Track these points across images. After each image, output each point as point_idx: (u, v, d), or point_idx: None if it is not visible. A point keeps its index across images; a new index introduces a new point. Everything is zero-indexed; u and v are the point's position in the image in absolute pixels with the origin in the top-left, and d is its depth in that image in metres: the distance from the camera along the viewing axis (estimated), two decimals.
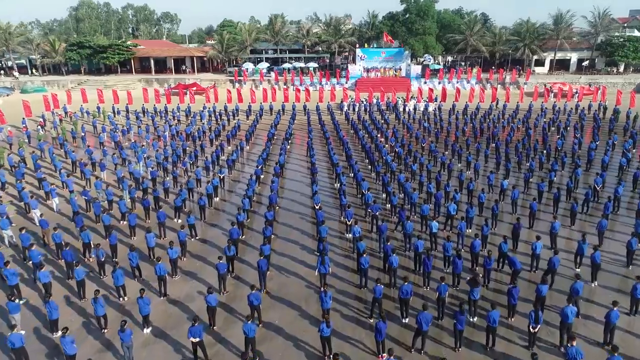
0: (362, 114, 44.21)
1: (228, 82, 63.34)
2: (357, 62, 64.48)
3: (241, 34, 67.32)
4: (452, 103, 46.92)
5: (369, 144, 32.73)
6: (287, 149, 31.62)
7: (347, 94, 48.57)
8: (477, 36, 63.62)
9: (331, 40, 66.03)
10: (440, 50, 63.51)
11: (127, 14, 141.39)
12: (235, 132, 37.75)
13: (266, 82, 63.03)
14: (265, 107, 47.87)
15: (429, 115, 43.07)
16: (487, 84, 60.00)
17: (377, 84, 60.69)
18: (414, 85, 60.75)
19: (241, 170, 29.97)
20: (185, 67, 69.87)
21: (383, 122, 41.88)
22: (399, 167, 28.67)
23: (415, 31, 63.77)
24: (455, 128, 38.48)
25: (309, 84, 61.23)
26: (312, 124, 40.14)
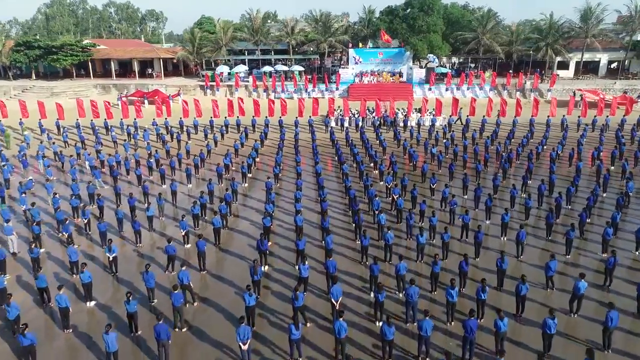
0: (351, 134, 34.56)
1: (198, 88, 53.90)
2: (350, 64, 54.96)
3: (216, 32, 57.79)
4: (465, 117, 37.47)
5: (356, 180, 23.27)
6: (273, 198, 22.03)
7: (332, 107, 38.66)
8: (490, 34, 54.11)
9: (320, 39, 56.52)
10: (447, 51, 54.07)
11: (108, 12, 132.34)
12: (179, 159, 28.49)
13: (243, 88, 53.59)
14: (232, 121, 38.42)
15: (437, 134, 33.44)
16: (504, 91, 50.43)
17: (373, 91, 51.15)
18: (417, 93, 51.22)
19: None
20: (151, 71, 60.34)
21: (378, 145, 32.43)
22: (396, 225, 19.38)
23: (418, 28, 54.23)
24: (474, 157, 28.98)
25: (292, 90, 51.75)
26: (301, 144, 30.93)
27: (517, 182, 24.61)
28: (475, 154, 28.75)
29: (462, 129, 35.16)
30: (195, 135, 36.44)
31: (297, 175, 25.76)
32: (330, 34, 57.14)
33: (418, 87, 51.34)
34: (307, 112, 39.68)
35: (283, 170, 28.20)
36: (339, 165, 27.77)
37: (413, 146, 31.43)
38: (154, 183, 26.61)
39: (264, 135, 34.91)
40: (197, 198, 21.33)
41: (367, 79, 53.21)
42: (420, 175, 26.15)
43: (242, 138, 34.17)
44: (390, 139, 35.23)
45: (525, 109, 40.16)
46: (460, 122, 38.76)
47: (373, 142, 33.55)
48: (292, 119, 37.86)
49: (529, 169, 25.46)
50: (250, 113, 39.46)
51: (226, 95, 53.38)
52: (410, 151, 29.10)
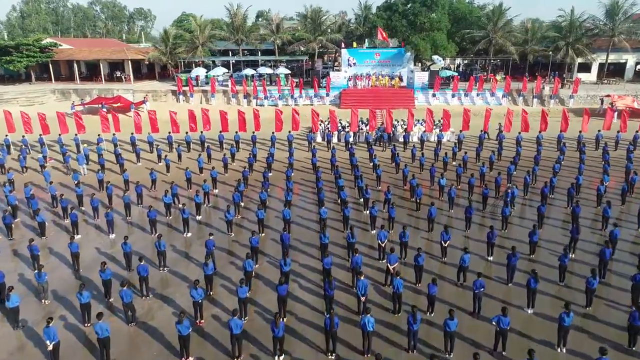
0: (338, 156, 27.91)
1: (170, 93, 47.32)
2: (343, 66, 48.29)
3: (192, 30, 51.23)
4: (481, 132, 30.87)
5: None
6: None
7: (316, 120, 31.84)
8: (502, 32, 47.41)
9: (309, 37, 49.86)
10: (453, 51, 47.39)
11: (93, 10, 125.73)
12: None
13: (221, 93, 46.99)
14: (194, 136, 31.84)
15: (445, 157, 26.66)
16: (519, 98, 43.74)
17: (368, 97, 44.56)
18: (419, 100, 44.58)
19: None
20: (120, 74, 53.66)
21: (373, 171, 25.84)
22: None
23: (420, 26, 47.68)
24: (496, 189, 22.42)
25: (277, 95, 45.15)
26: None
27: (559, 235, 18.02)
28: (496, 187, 22.22)
29: (476, 148, 28.43)
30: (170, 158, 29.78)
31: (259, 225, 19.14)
32: (320, 32, 50.46)
33: (420, 92, 44.72)
34: (287, 126, 32.93)
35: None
36: (317, 203, 21.16)
37: (415, 174, 24.76)
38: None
39: (252, 158, 27.83)
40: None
41: (362, 84, 46.53)
42: (426, 220, 19.46)
43: (224, 159, 27.39)
44: (386, 161, 28.62)
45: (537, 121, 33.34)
46: (488, 137, 32.04)
47: (365, 168, 26.98)
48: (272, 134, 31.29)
49: (575, 216, 18.78)
50: (217, 125, 32.63)
51: (201, 102, 46.94)
52: (412, 183, 22.36)
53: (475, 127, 32.60)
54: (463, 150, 29.04)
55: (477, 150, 27.81)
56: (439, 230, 17.35)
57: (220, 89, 47.44)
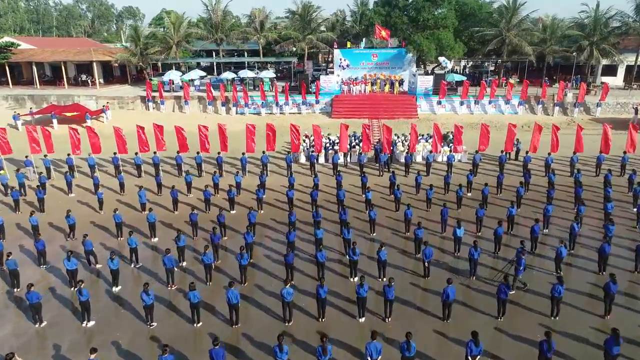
0: (321, 186, 22.03)
1: (139, 100, 41.49)
2: (336, 69, 42.42)
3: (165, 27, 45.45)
4: (502, 153, 24.96)
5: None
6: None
7: (295, 138, 25.62)
8: (517, 31, 41.52)
9: (297, 36, 44.01)
10: (461, 52, 41.53)
11: (79, 9, 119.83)
12: None
13: (196, 100, 41.15)
14: (146, 156, 25.96)
15: (459, 190, 20.53)
16: (538, 106, 37.89)
17: (364, 105, 38.70)
18: (422, 108, 38.73)
19: None
20: (85, 77, 47.76)
21: (366, 208, 20.02)
22: None
23: (423, 23, 41.83)
24: (532, 242, 16.51)
25: (260, 103, 39.33)
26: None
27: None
28: (532, 240, 16.36)
29: (497, 176, 22.39)
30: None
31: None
32: (310, 30, 44.58)
33: (424, 99, 38.85)
34: (261, 145, 26.97)
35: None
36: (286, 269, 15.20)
37: (421, 218, 18.89)
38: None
39: (208, 192, 20.90)
40: None
41: (357, 89, 40.65)
42: (440, 305, 13.42)
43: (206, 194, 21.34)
44: (383, 191, 22.73)
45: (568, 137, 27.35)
46: (509, 157, 26.26)
47: (355, 202, 21.10)
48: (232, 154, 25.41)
49: None
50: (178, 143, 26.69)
51: (174, 110, 41.12)
52: (418, 235, 16.34)
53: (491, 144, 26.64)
54: (483, 179, 23.22)
55: (499, 178, 21.82)
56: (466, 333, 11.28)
57: (196, 95, 41.61)
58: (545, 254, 16.53)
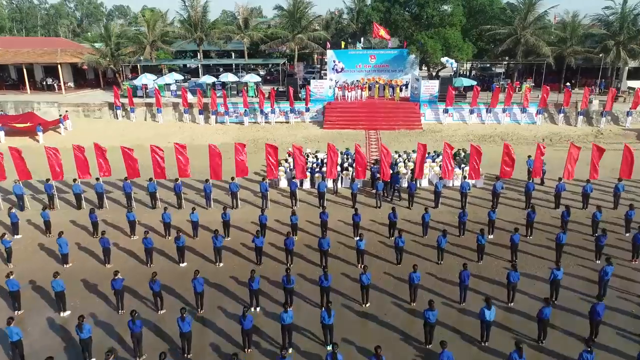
0: (298, 233, 17.19)
1: (107, 107, 36.77)
2: (329, 72, 37.65)
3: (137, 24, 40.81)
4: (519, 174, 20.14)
5: None
6: None
7: (271, 161, 20.30)
8: (533, 29, 36.73)
9: (286, 35, 39.24)
10: (470, 53, 36.73)
11: (67, 7, 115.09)
12: None
13: (171, 107, 36.40)
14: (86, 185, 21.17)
15: (480, 238, 15.46)
16: (559, 115, 33.12)
17: (359, 114, 33.95)
18: (427, 117, 34.00)
19: None
20: (51, 81, 42.97)
21: (357, 261, 15.22)
22: None
23: (427, 20, 37.16)
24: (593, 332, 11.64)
25: (242, 111, 34.63)
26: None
27: None
28: (593, 326, 11.54)
29: (527, 213, 17.36)
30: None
31: None
32: (301, 28, 39.79)
33: (428, 107, 34.08)
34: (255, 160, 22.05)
35: None
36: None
37: (430, 278, 14.20)
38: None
39: (183, 240, 15.85)
40: None
41: (353, 95, 35.85)
42: None
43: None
44: (382, 232, 17.90)
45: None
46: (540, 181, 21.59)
47: (345, 256, 16.27)
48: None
49: None
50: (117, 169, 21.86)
51: (145, 119, 36.39)
52: (429, 318, 11.35)
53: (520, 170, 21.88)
54: (507, 215, 18.47)
55: (530, 218, 16.86)
56: None
57: (171, 101, 36.86)
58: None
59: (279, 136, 31.95)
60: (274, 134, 32.34)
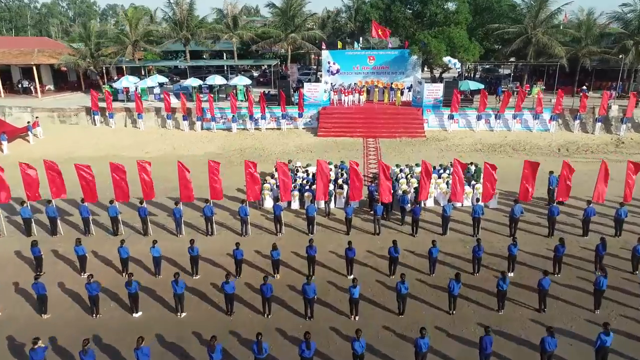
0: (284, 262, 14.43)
1: (84, 112, 34.04)
2: (324, 74, 34.86)
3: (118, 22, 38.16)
4: (551, 203, 17.17)
5: None
6: None
7: (253, 179, 17.36)
8: (544, 28, 33.92)
9: (278, 35, 36.45)
10: (477, 53, 33.92)
11: (59, 6, 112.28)
12: None
13: (153, 113, 33.63)
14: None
15: (503, 285, 12.46)
16: (575, 122, 30.33)
17: (357, 120, 31.20)
18: (430, 123, 31.27)
19: None
20: (28, 83, 40.16)
21: (350, 313, 12.32)
22: None
23: (430, 18, 34.44)
24: None
25: (230, 117, 31.90)
26: None
27: None
28: None
29: (556, 248, 14.35)
30: None
31: None
32: (294, 27, 36.99)
33: (432, 113, 31.30)
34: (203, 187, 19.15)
35: None
36: None
37: (441, 335, 11.45)
38: None
39: (136, 286, 12.48)
40: None
41: (350, 99, 33.05)
42: None
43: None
44: (381, 268, 15.07)
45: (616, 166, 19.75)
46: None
47: (335, 302, 13.44)
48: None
49: None
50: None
51: (126, 125, 33.64)
52: None
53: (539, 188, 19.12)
54: (527, 243, 15.68)
55: (557, 252, 13.97)
56: None
57: (153, 106, 34.06)
58: None
59: (269, 144, 29.18)
60: (263, 142, 29.56)
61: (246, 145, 29.04)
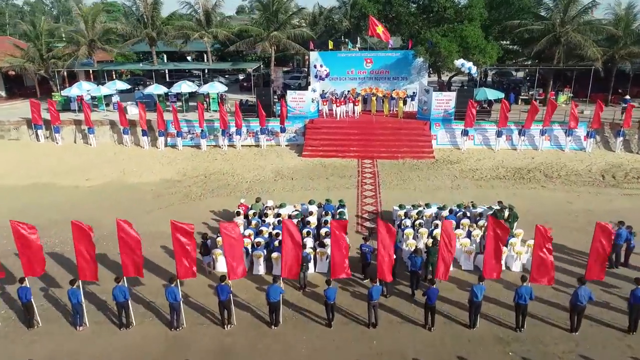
0: None
1: (25, 126, 28.65)
2: (313, 80, 29.31)
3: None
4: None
5: None
6: None
7: (184, 254, 11.03)
8: (575, 25, 28.40)
9: (259, 33, 30.92)
10: (495, 55, 28.37)
11: (43, 4, 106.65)
12: None
13: (107, 127, 28.21)
14: None
15: None
16: (617, 139, 24.79)
17: (350, 136, 25.67)
18: (439, 139, 25.83)
19: None
20: None
21: None
22: None
23: (438, 14, 29.02)
24: None
25: (198, 131, 26.55)
26: None
27: None
28: None
29: None
30: None
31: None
32: (278, 24, 31.45)
33: (441, 127, 25.82)
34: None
35: None
36: None
37: None
38: None
39: None
40: None
41: (342, 110, 27.48)
42: None
43: None
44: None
45: None
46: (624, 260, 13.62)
47: None
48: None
49: None
50: None
51: (75, 141, 28.21)
52: None
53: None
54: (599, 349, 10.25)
55: None
56: None
57: (108, 119, 28.56)
58: None
59: (241, 168, 23.67)
60: (234, 165, 24.05)
61: (213, 169, 23.52)
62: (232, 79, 46.23)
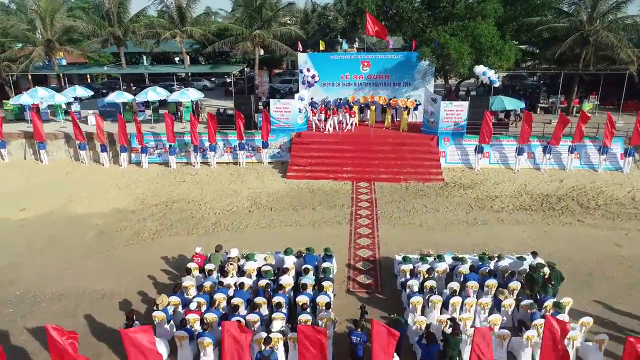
0: None
1: None
2: (302, 85, 25.23)
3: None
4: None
5: None
6: None
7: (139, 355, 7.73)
8: (604, 22, 24.43)
9: (242, 32, 26.91)
10: (513, 58, 24.39)
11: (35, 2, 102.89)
12: None
13: (62, 141, 24.25)
14: None
15: None
16: None
17: (344, 153, 21.63)
18: (448, 157, 21.87)
19: None
20: None
21: None
22: None
23: (446, 10, 25.09)
24: None
25: (167, 146, 22.64)
26: None
27: None
28: None
29: None
30: None
31: None
32: (262, 22, 27.45)
33: (451, 142, 21.84)
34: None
35: None
36: None
37: None
38: None
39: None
40: None
41: (334, 121, 23.44)
42: None
43: None
44: None
45: None
46: None
47: None
48: None
49: None
50: None
51: (25, 158, 24.26)
52: None
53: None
54: None
55: None
56: None
57: (63, 131, 24.58)
58: None
59: (212, 194, 19.67)
60: (204, 190, 20.06)
61: (178, 195, 19.54)
62: (219, 82, 42.34)
